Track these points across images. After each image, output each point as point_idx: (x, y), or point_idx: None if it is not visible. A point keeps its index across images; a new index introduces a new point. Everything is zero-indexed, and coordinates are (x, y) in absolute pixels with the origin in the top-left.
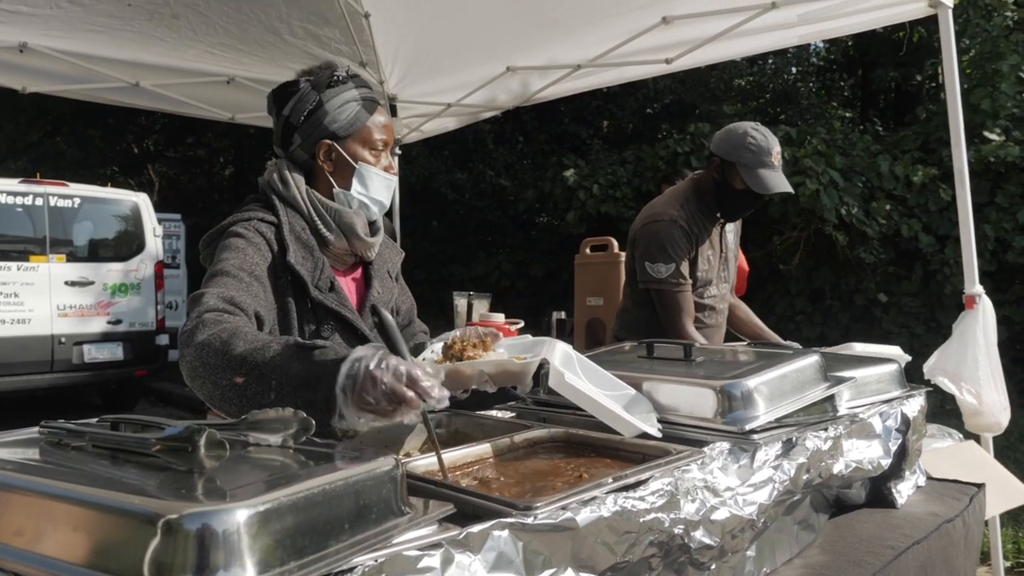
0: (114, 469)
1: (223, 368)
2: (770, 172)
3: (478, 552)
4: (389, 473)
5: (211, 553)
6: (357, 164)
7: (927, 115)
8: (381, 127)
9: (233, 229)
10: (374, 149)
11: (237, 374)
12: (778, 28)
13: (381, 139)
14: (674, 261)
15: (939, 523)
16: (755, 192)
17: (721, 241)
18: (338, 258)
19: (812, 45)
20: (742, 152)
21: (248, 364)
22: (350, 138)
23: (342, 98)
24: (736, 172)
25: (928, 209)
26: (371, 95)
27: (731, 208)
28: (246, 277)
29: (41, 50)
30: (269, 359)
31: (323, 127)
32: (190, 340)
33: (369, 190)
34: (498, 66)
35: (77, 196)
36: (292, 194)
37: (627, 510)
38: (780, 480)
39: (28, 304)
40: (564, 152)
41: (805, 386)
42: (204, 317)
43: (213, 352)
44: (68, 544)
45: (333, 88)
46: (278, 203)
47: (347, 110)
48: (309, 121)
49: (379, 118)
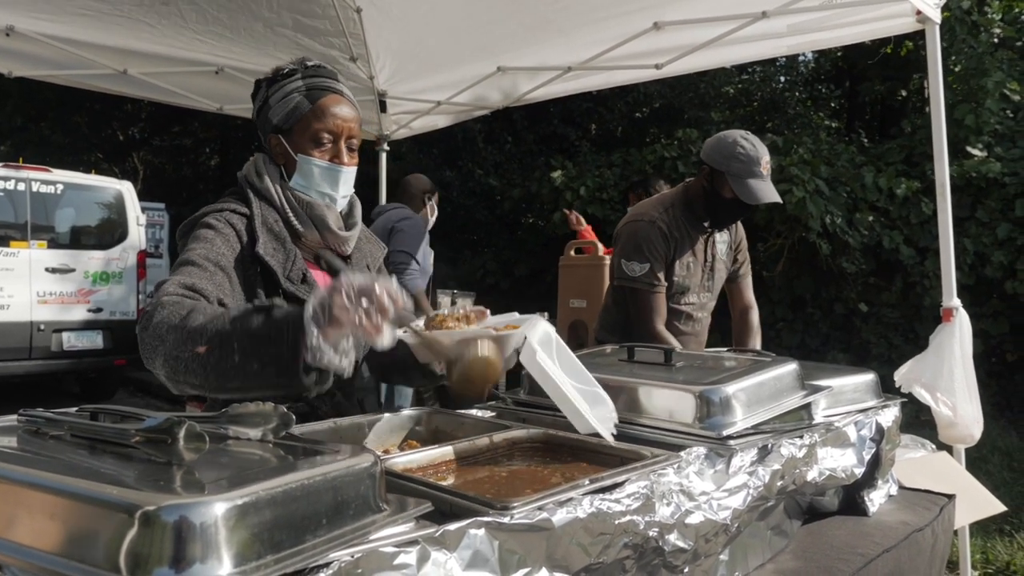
0: (92, 459)
1: (183, 341)
2: (759, 182)
3: (454, 550)
4: (368, 470)
5: (188, 545)
6: (297, 156)
7: (912, 129)
8: (329, 115)
9: (204, 220)
10: (315, 139)
11: (198, 344)
12: (768, 37)
13: (327, 129)
14: (648, 261)
15: (909, 532)
16: (744, 202)
17: (707, 250)
18: (313, 251)
19: (801, 56)
20: (731, 162)
21: (209, 332)
22: (293, 130)
23: (284, 91)
24: (725, 181)
25: (910, 221)
26: (321, 84)
27: (719, 216)
28: (211, 267)
29: (28, 34)
30: (229, 323)
31: (268, 121)
32: (148, 322)
33: (309, 183)
34: (489, 65)
35: (60, 182)
36: (265, 186)
37: (602, 512)
38: (755, 486)
39: (8, 290)
40: (552, 153)
41: (782, 393)
42: (162, 300)
43: (171, 328)
44: (45, 533)
45: (278, 82)
46: (252, 195)
47: (288, 103)
48: (260, 117)
49: (329, 108)
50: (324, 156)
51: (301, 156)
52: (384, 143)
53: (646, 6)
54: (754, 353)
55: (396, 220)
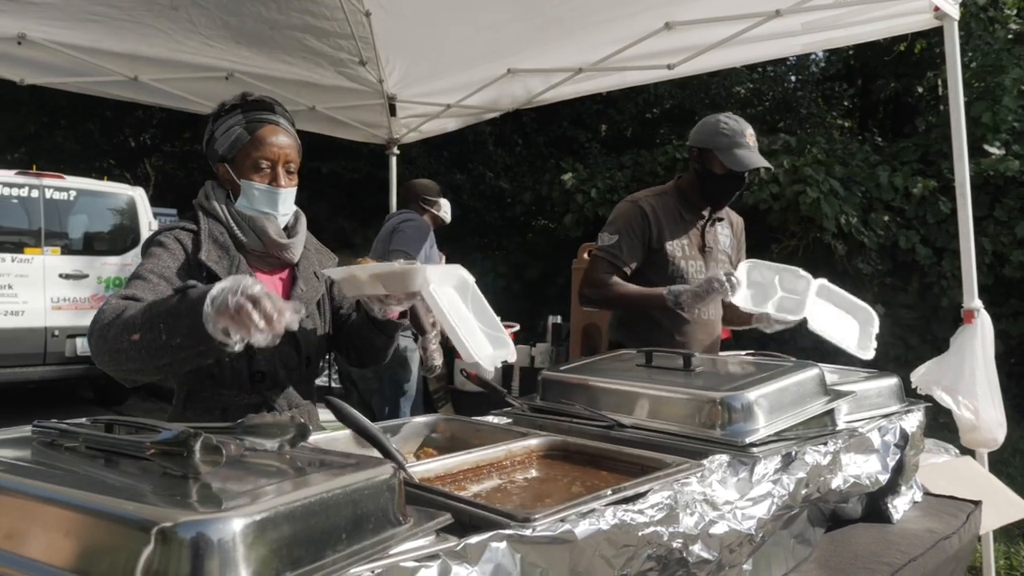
0: (108, 472)
1: (119, 334)
2: (746, 151)
3: (476, 564)
4: (387, 482)
5: (206, 563)
6: (240, 181)
7: (926, 127)
8: (266, 144)
9: (156, 239)
10: (256, 166)
11: (133, 333)
12: (781, 36)
13: (264, 156)
14: (618, 234)
15: (936, 540)
16: (735, 172)
17: (705, 238)
18: (260, 259)
19: (812, 54)
20: (717, 137)
21: (138, 320)
22: (235, 159)
23: (226, 124)
24: (714, 157)
25: (926, 221)
26: (259, 116)
27: (715, 193)
28: (154, 278)
29: (40, 42)
30: (152, 308)
31: (215, 152)
32: (93, 327)
33: (251, 204)
34: (499, 68)
35: (73, 189)
36: (212, 206)
37: (626, 523)
38: (779, 495)
39: (22, 296)
40: (563, 155)
41: (805, 399)
42: (103, 308)
43: (109, 325)
44: (59, 549)
45: (222, 117)
46: (201, 215)
47: (230, 135)
48: (208, 149)
49: (266, 138)
50: (264, 180)
51: (244, 181)
52: (394, 147)
53: (657, 6)
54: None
55: (398, 222)
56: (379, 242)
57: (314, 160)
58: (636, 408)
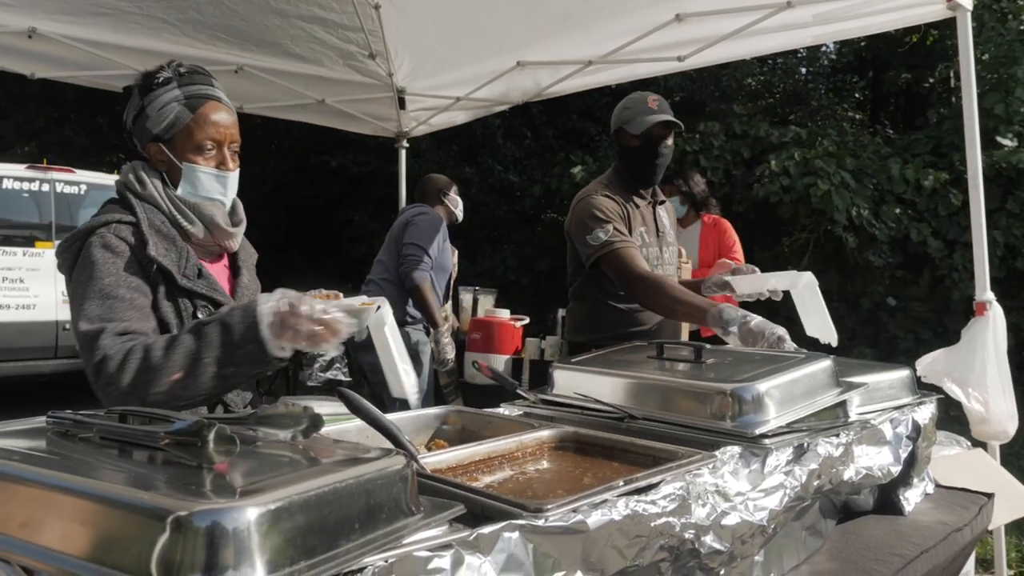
0: (122, 462)
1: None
2: (651, 115)
3: (488, 553)
4: (400, 472)
5: (221, 551)
6: (182, 164)
7: (938, 119)
8: (210, 124)
9: (94, 240)
10: (198, 147)
11: (171, 375)
12: (792, 28)
13: (209, 136)
14: (609, 221)
15: (948, 532)
16: (646, 140)
17: (656, 221)
18: (203, 248)
19: (823, 46)
20: (622, 113)
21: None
22: (174, 139)
23: (162, 100)
24: (625, 132)
25: (938, 214)
26: (199, 92)
27: (638, 169)
28: (127, 293)
29: (50, 36)
30: (192, 345)
31: (147, 130)
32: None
33: (198, 189)
34: (508, 60)
35: (83, 183)
36: (149, 192)
37: (638, 514)
38: (791, 486)
39: (33, 290)
40: (572, 148)
41: (816, 391)
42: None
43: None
44: (75, 538)
45: (154, 91)
46: (135, 201)
47: (167, 112)
48: (136, 126)
49: (209, 116)
50: (210, 163)
51: (186, 164)
52: (403, 140)
53: None
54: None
55: (412, 215)
56: (391, 235)
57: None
58: (647, 400)
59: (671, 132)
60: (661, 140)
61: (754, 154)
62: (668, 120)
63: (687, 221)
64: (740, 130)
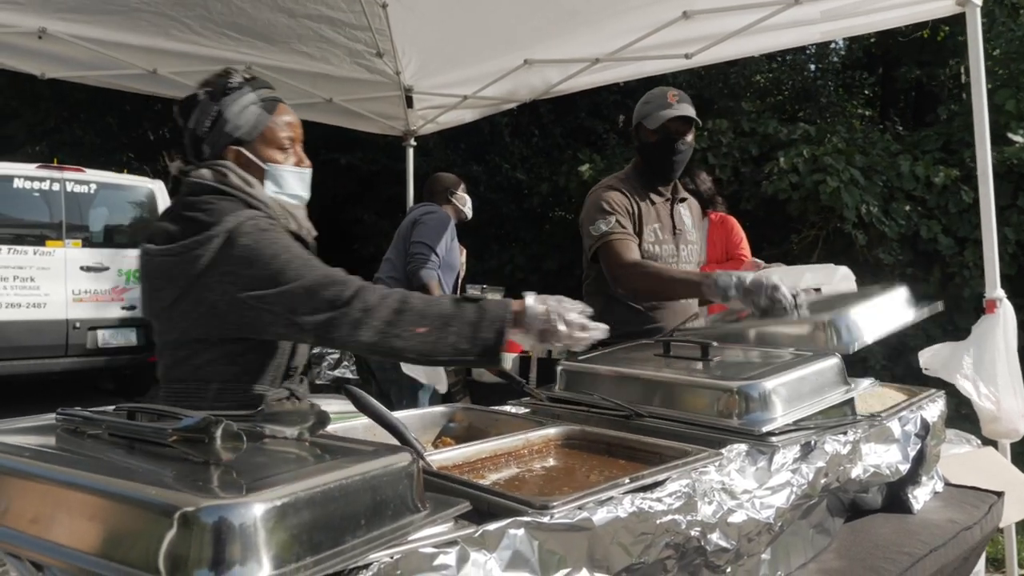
0: (130, 459)
1: (401, 320)
2: (668, 110)
3: (494, 550)
4: (406, 469)
5: (227, 547)
6: (266, 165)
7: (949, 115)
8: (285, 124)
9: (245, 227)
10: (281, 147)
11: (419, 326)
12: (800, 24)
13: (287, 136)
14: (613, 214)
15: (957, 530)
16: (664, 134)
17: (673, 218)
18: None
19: (833, 42)
20: (641, 108)
21: (430, 316)
22: (255, 141)
23: (240, 104)
24: (643, 127)
25: (948, 211)
26: (271, 95)
27: (657, 163)
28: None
29: (60, 36)
30: (450, 310)
31: (226, 134)
32: (369, 317)
33: (283, 187)
34: (516, 59)
35: (93, 182)
36: (258, 192)
37: (644, 511)
38: (798, 484)
39: (44, 288)
40: (580, 146)
41: (824, 389)
42: (362, 293)
43: (385, 309)
44: (84, 533)
45: (230, 95)
46: (253, 201)
47: (248, 114)
48: (213, 131)
49: (283, 117)
50: (289, 162)
51: (270, 165)
52: (411, 138)
53: None
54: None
55: (420, 214)
56: (399, 234)
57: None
58: (654, 397)
59: (691, 128)
60: (679, 136)
61: (763, 151)
62: (686, 116)
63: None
64: (749, 127)
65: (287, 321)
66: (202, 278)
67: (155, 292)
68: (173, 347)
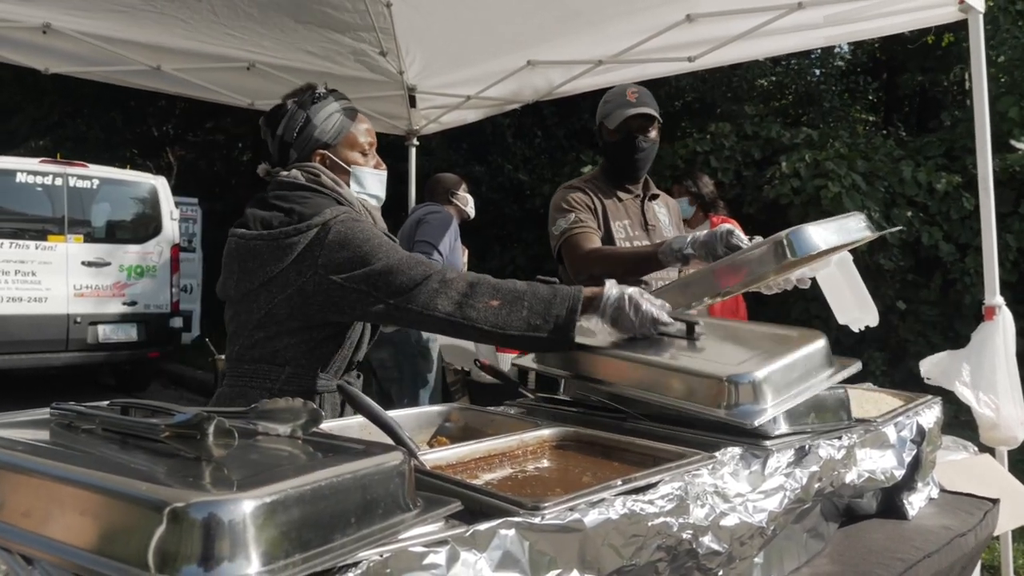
0: (123, 454)
1: (480, 293)
2: (628, 108)
3: (484, 550)
4: (397, 468)
5: (216, 543)
6: (351, 167)
7: (952, 121)
8: (365, 131)
9: (337, 221)
10: (362, 151)
11: (493, 299)
12: (804, 29)
13: (367, 141)
14: (572, 211)
15: (951, 537)
16: (623, 131)
17: (645, 214)
18: None
19: (837, 47)
20: (603, 107)
21: (503, 290)
22: (339, 145)
23: (326, 111)
24: (605, 127)
25: (950, 217)
26: (350, 105)
27: (620, 161)
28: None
29: (64, 31)
30: (522, 286)
31: (314, 139)
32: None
33: (365, 187)
34: (519, 59)
35: (96, 177)
36: (347, 193)
37: (635, 513)
38: (791, 488)
39: (45, 283)
40: (582, 148)
41: (812, 373)
42: (447, 275)
43: (462, 283)
44: (75, 528)
45: (317, 104)
46: (343, 199)
47: (332, 121)
48: (301, 136)
49: (362, 124)
50: (370, 164)
51: (354, 167)
52: (413, 138)
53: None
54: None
55: (424, 214)
56: (403, 234)
57: None
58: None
59: (653, 125)
60: (640, 133)
61: (765, 155)
62: (645, 113)
63: (695, 222)
64: (751, 131)
65: (372, 299)
66: (296, 263)
67: (244, 274)
68: (252, 328)
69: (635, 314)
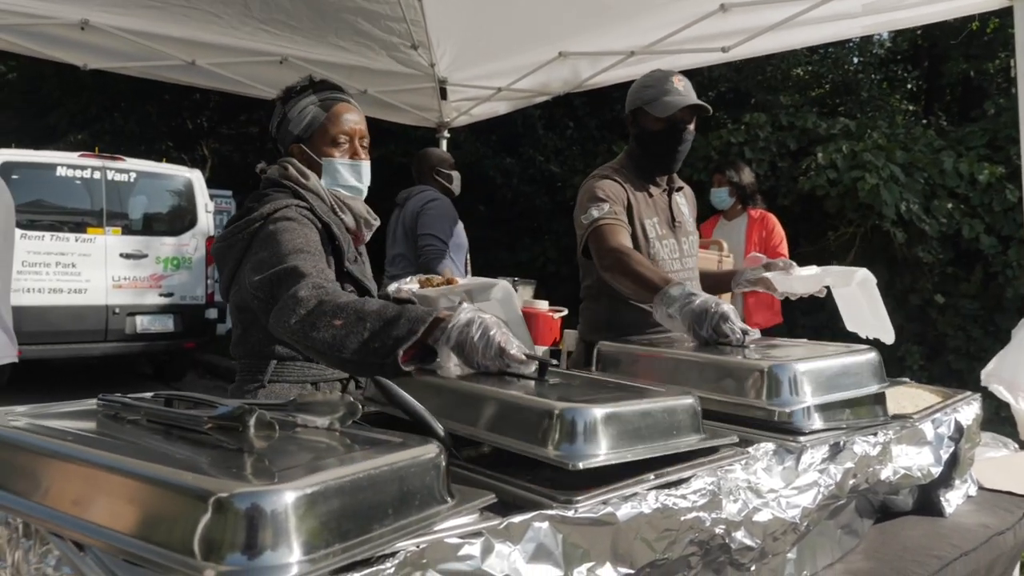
0: (167, 444)
1: (323, 314)
2: (674, 96)
3: (518, 542)
4: (433, 460)
5: (259, 532)
6: (321, 159)
7: (996, 110)
8: (341, 120)
9: (278, 215)
10: (335, 142)
11: (336, 318)
12: (841, 18)
13: (342, 131)
14: (606, 201)
15: (989, 535)
16: (670, 122)
17: (672, 210)
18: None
19: (876, 35)
20: (643, 92)
21: (347, 311)
22: (312, 137)
23: (300, 105)
24: (646, 114)
25: (992, 209)
26: (331, 96)
27: (659, 154)
28: (318, 251)
29: (102, 27)
30: (366, 307)
31: (290, 133)
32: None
33: (337, 180)
34: (550, 51)
35: (133, 171)
36: (313, 184)
37: (668, 508)
38: (825, 484)
39: (85, 275)
40: (615, 139)
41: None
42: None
43: (313, 301)
44: (123, 516)
45: (293, 99)
46: (302, 191)
47: (305, 114)
48: (280, 132)
49: (341, 113)
50: (344, 155)
51: (324, 159)
52: (444, 130)
53: None
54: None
55: (421, 205)
56: (405, 227)
57: None
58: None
59: (694, 117)
60: (687, 125)
61: (801, 146)
62: (695, 104)
63: (732, 214)
64: (787, 121)
65: (258, 305)
66: (243, 260)
67: (222, 272)
68: (234, 325)
69: (481, 340)
